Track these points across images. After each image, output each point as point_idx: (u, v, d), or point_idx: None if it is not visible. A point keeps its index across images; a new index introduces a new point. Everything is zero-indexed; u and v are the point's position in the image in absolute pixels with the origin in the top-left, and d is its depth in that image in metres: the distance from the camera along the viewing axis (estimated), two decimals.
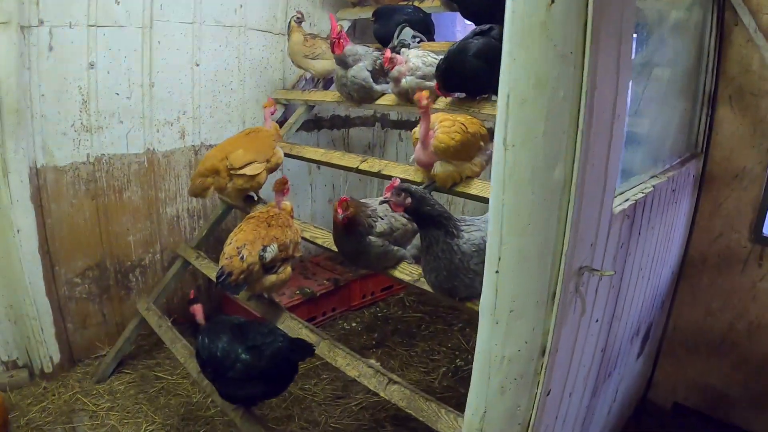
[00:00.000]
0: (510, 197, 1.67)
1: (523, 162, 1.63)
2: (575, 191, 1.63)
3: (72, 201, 4.01)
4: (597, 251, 1.98)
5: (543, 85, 1.56)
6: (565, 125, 1.59)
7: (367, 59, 3.81)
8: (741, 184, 3.91)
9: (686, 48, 3.59)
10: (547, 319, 1.77)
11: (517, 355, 1.80)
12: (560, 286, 1.73)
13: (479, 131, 3.06)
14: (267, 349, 2.87)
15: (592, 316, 2.19)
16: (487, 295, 1.80)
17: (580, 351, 2.18)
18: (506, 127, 1.64)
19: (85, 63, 3.87)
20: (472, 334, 4.66)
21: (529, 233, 1.68)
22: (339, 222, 2.82)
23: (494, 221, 1.73)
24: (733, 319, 4.06)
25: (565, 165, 1.62)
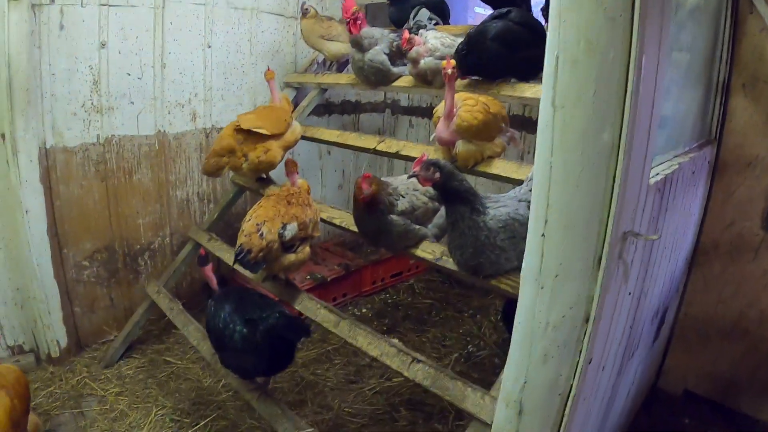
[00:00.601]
0: (559, 159, 1.67)
1: (573, 123, 1.64)
2: (623, 154, 1.64)
3: (81, 182, 3.98)
4: (636, 219, 1.99)
5: (593, 47, 1.57)
6: (615, 87, 1.60)
7: (384, 42, 3.82)
8: (753, 173, 3.93)
9: (702, 35, 3.60)
10: (592, 285, 1.77)
11: (561, 322, 1.81)
12: (606, 251, 1.73)
13: (501, 112, 3.08)
14: (262, 323, 2.87)
15: (626, 288, 2.20)
16: (532, 259, 1.80)
17: (615, 322, 2.19)
18: (554, 89, 1.64)
19: (96, 42, 3.84)
20: (483, 320, 4.71)
21: (578, 196, 1.69)
22: (362, 199, 2.80)
23: (540, 184, 1.73)
24: (744, 307, 4.08)
25: (613, 127, 1.62)
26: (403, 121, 6.13)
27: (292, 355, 3.11)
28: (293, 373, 4.00)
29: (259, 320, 2.89)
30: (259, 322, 2.88)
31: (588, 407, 2.22)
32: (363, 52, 3.80)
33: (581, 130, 1.64)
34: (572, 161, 1.66)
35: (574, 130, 1.64)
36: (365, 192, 2.78)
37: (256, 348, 2.89)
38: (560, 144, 1.67)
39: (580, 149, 1.65)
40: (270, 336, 2.86)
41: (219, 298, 3.09)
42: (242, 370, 3.09)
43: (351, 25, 3.69)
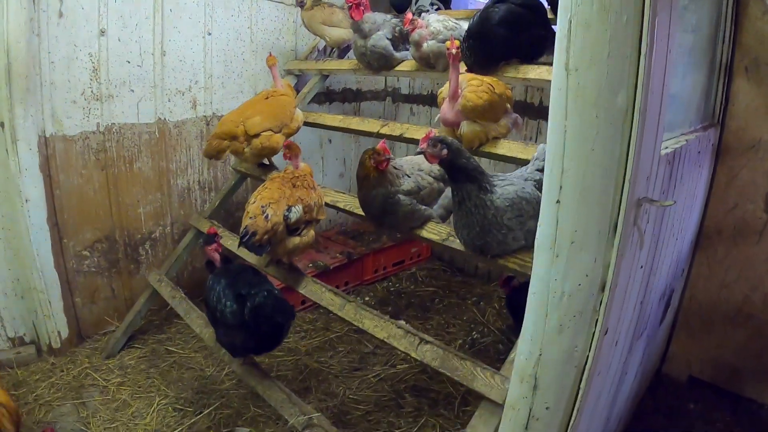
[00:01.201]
0: (573, 122, 1.66)
1: (587, 85, 1.62)
2: (639, 117, 1.62)
3: (81, 171, 3.96)
4: (650, 187, 1.97)
5: (607, 8, 1.55)
6: (629, 50, 1.58)
7: (386, 27, 3.82)
8: (756, 155, 3.92)
9: (705, 19, 3.60)
10: (608, 252, 1.75)
11: (577, 290, 1.78)
12: (622, 217, 1.71)
13: (506, 93, 3.08)
14: (250, 300, 2.90)
15: (640, 257, 2.17)
16: (547, 227, 1.78)
17: (629, 294, 2.17)
18: (568, 51, 1.63)
19: (95, 30, 3.81)
20: (486, 307, 4.71)
21: (593, 160, 1.67)
22: (375, 166, 2.78)
23: (554, 149, 1.71)
24: (748, 291, 4.07)
25: (628, 90, 1.61)
26: (404, 108, 6.12)
27: (280, 336, 3.13)
28: (297, 361, 3.99)
29: (247, 296, 2.92)
30: (248, 299, 2.91)
31: (601, 383, 2.20)
32: (365, 37, 3.79)
33: (595, 93, 1.62)
34: (587, 124, 1.64)
35: (588, 92, 1.62)
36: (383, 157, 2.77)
37: (243, 324, 2.92)
38: (574, 107, 1.65)
39: (595, 112, 1.63)
40: (256, 314, 2.89)
41: (217, 274, 3.13)
42: (232, 347, 3.10)
43: (353, 10, 3.67)
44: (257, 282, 3.05)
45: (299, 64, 4.83)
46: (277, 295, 3.01)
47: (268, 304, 2.90)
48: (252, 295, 2.91)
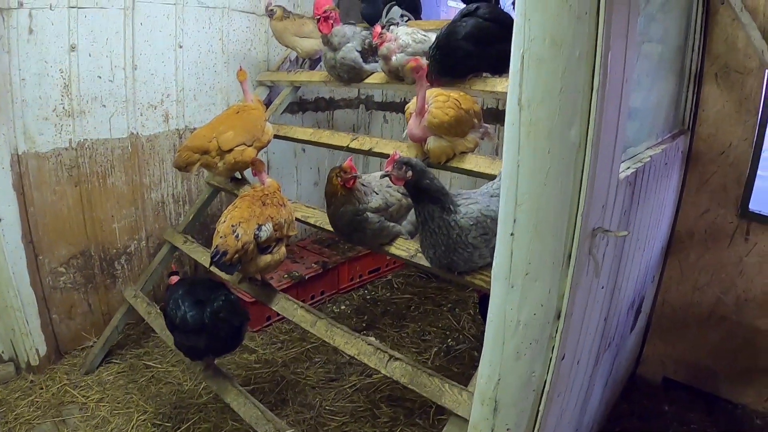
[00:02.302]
0: (526, 156, 1.67)
1: (540, 121, 1.63)
2: (591, 151, 1.64)
3: (55, 188, 3.93)
4: (606, 215, 1.99)
5: (559, 44, 1.57)
6: (581, 84, 1.60)
7: (356, 39, 3.82)
8: (727, 160, 3.97)
9: (674, 25, 3.62)
10: (563, 282, 1.78)
11: (532, 319, 1.81)
12: (576, 248, 1.73)
13: (473, 108, 3.07)
14: (209, 305, 3.01)
15: (599, 281, 2.20)
16: (502, 258, 1.80)
17: (588, 316, 2.20)
18: (521, 87, 1.64)
19: (66, 46, 3.79)
20: (461, 313, 4.74)
21: (546, 194, 1.69)
22: (342, 184, 2.82)
23: (509, 183, 1.73)
24: (720, 294, 4.13)
25: (580, 124, 1.63)
26: (378, 116, 6.16)
27: (239, 337, 3.25)
28: (274, 373, 4.01)
29: (206, 302, 3.02)
30: (206, 304, 3.01)
31: (564, 401, 2.23)
32: (335, 50, 3.79)
33: (548, 129, 1.63)
34: (540, 159, 1.66)
35: (540, 128, 1.64)
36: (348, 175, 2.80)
37: (203, 328, 3.00)
38: (527, 142, 1.66)
39: (547, 147, 1.65)
40: (215, 317, 2.99)
41: (174, 285, 3.25)
42: (191, 350, 3.18)
43: (321, 23, 3.66)
44: (214, 288, 3.15)
45: (271, 76, 4.82)
46: (233, 300, 3.12)
47: (226, 308, 3.01)
48: (210, 300, 3.02)
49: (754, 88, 3.81)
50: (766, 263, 3.91)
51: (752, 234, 3.95)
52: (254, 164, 3.38)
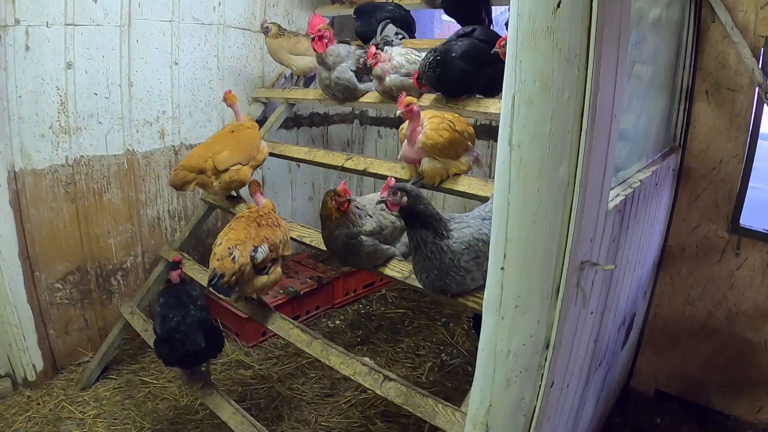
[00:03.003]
0: (516, 195, 1.74)
1: (529, 161, 1.69)
2: (579, 189, 1.70)
3: (51, 204, 3.98)
4: (594, 248, 2.06)
5: (549, 86, 1.62)
6: (570, 125, 1.65)
7: (350, 59, 3.87)
8: (718, 176, 4.05)
9: (665, 44, 3.69)
10: (551, 314, 1.84)
11: (522, 349, 1.87)
12: (564, 281, 1.80)
13: (467, 130, 3.13)
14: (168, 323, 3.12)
15: (587, 311, 2.27)
16: (492, 291, 1.86)
17: (578, 342, 2.27)
18: (511, 127, 1.70)
19: (62, 63, 3.84)
20: (455, 328, 4.81)
21: (535, 230, 1.75)
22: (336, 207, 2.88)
23: (499, 219, 1.79)
24: (711, 308, 4.21)
25: (569, 163, 1.68)
26: (372, 131, 6.23)
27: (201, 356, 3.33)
28: (269, 389, 4.06)
29: (172, 316, 3.13)
30: (169, 319, 3.12)
31: (554, 423, 2.29)
32: (329, 70, 3.84)
33: (537, 168, 1.69)
34: (529, 198, 1.72)
35: (530, 168, 1.70)
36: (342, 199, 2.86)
37: (165, 340, 3.15)
38: (517, 181, 1.72)
39: (537, 186, 1.71)
40: (170, 337, 3.11)
41: (162, 293, 3.36)
42: (162, 358, 3.29)
43: (315, 42, 3.72)
44: (184, 304, 3.19)
45: (266, 92, 4.88)
46: (196, 320, 3.16)
47: (180, 330, 3.09)
48: (170, 318, 3.11)
49: (744, 104, 3.89)
50: (757, 277, 3.99)
51: (743, 248, 4.03)
52: (250, 185, 3.44)
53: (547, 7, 1.58)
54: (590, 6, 1.56)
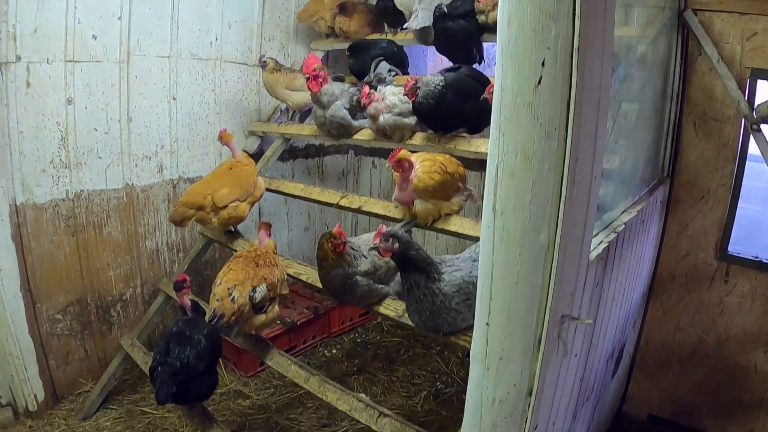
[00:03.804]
0: (499, 258, 1.91)
1: (512, 227, 1.86)
2: (558, 251, 1.87)
3: (52, 238, 4.12)
4: (575, 301, 2.24)
5: (530, 158, 1.77)
6: (550, 194, 1.80)
7: (344, 97, 4.03)
8: (706, 206, 4.22)
9: (652, 78, 3.86)
10: (534, 364, 2.00)
11: (506, 397, 2.04)
12: (545, 334, 1.96)
13: (458, 171, 3.31)
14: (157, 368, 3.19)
15: (568, 358, 2.44)
16: (478, 344, 2.03)
17: (561, 385, 2.44)
18: (495, 195, 1.86)
19: (62, 99, 3.99)
20: (450, 356, 4.94)
21: (517, 290, 1.92)
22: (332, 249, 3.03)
23: (484, 278, 1.96)
24: (702, 333, 4.37)
25: (549, 229, 1.84)
26: (367, 162, 6.41)
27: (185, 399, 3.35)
28: (268, 419, 4.19)
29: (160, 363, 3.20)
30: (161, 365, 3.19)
31: None
32: (324, 108, 4.00)
33: (519, 234, 1.86)
34: (511, 261, 1.89)
35: (512, 233, 1.86)
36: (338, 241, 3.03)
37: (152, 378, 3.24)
38: (500, 246, 1.89)
39: (518, 250, 1.88)
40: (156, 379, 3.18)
41: (168, 332, 3.38)
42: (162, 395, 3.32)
43: (310, 81, 3.89)
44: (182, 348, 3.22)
45: (262, 126, 5.06)
46: (184, 367, 3.18)
47: (165, 380, 3.14)
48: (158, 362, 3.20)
49: (731, 135, 4.07)
50: (746, 303, 4.16)
51: (732, 275, 4.20)
52: (260, 226, 3.62)
53: (528, 83, 1.72)
54: (570, 82, 1.71)
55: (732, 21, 3.99)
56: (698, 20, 4.05)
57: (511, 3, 1.72)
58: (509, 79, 1.77)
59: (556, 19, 1.68)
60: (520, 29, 1.71)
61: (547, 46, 1.69)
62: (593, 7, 1.75)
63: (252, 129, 5.11)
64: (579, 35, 1.68)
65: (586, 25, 1.69)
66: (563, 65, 1.70)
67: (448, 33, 3.97)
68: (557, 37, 1.69)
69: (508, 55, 1.75)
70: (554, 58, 1.70)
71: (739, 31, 3.95)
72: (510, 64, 1.75)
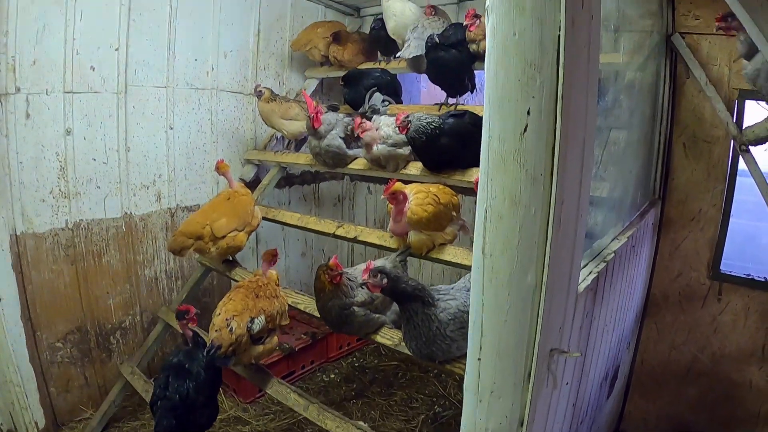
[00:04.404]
0: (489, 298, 2.02)
1: (500, 269, 1.97)
2: (545, 290, 1.98)
3: (52, 267, 4.21)
4: (564, 335, 2.36)
5: (517, 203, 1.88)
6: (536, 237, 1.91)
7: (339, 126, 4.15)
8: (698, 226, 4.34)
9: (641, 102, 3.98)
10: (524, 396, 2.11)
11: (499, 428, 2.15)
12: (534, 368, 2.07)
13: (451, 201, 3.43)
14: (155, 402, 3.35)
15: (562, 382, 2.56)
16: (471, 378, 2.14)
17: (553, 414, 2.55)
18: (484, 238, 1.97)
19: (61, 129, 4.09)
20: (448, 380, 5.02)
21: (506, 327, 2.03)
22: (329, 280, 3.16)
23: (475, 316, 2.08)
24: (697, 352, 4.48)
25: (536, 270, 1.95)
26: (362, 187, 6.55)
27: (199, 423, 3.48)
28: None
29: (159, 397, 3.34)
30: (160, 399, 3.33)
31: None
32: (320, 138, 4.13)
33: (507, 275, 1.97)
34: (500, 300, 2.00)
35: (500, 275, 1.97)
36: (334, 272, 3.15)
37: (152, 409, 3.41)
38: (489, 286, 2.01)
39: (507, 291, 1.99)
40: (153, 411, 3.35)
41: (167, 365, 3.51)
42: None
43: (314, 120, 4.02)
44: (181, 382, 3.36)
45: (258, 155, 5.18)
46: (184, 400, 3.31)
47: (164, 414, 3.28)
48: (158, 396, 3.34)
49: (721, 156, 4.19)
50: (739, 320, 4.27)
51: (724, 294, 4.31)
52: (264, 255, 3.72)
53: (515, 131, 1.83)
54: (554, 129, 1.82)
55: (719, 43, 4.12)
56: (686, 43, 4.18)
57: (497, 53, 1.84)
58: (496, 127, 1.88)
59: (540, 69, 1.78)
60: (506, 79, 1.82)
61: (532, 95, 1.79)
62: (576, 55, 1.86)
63: (248, 157, 5.23)
64: (563, 84, 1.78)
65: (569, 73, 1.79)
66: (548, 113, 1.81)
67: (441, 62, 4.10)
68: (542, 86, 1.79)
69: (495, 104, 1.87)
70: (539, 107, 1.80)
71: (727, 53, 4.08)
72: (497, 112, 1.86)
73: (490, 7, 1.82)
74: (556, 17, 1.76)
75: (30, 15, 3.81)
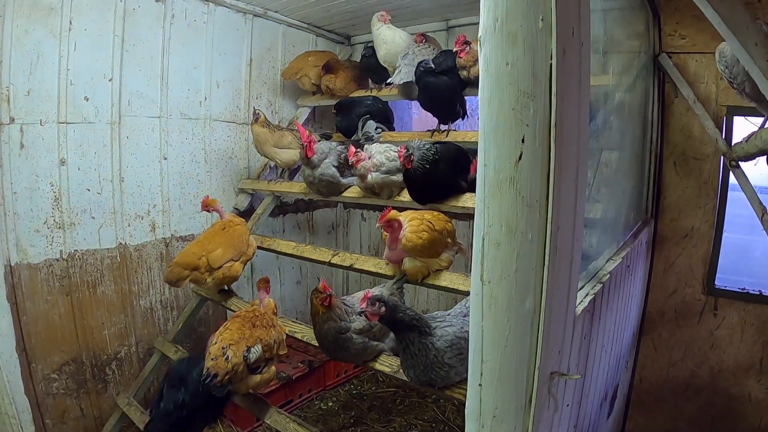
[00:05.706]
0: (489, 323, 2.04)
1: (498, 295, 1.99)
2: (544, 315, 2.01)
3: (47, 297, 4.21)
4: (563, 357, 2.39)
5: (513, 230, 1.90)
6: (534, 262, 1.95)
7: (332, 155, 4.21)
8: (691, 242, 4.40)
9: (632, 122, 4.03)
10: (526, 420, 2.13)
11: None
12: (535, 392, 2.10)
13: (446, 228, 3.46)
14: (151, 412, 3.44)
15: (563, 404, 2.59)
16: (472, 404, 2.16)
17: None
18: (482, 265, 1.99)
19: (56, 160, 4.12)
20: (446, 405, 5.02)
21: (506, 353, 2.05)
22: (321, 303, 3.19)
23: (475, 343, 2.10)
24: (694, 367, 4.52)
25: (534, 295, 1.98)
26: (356, 214, 6.61)
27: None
28: None
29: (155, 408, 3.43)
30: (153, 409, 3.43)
31: None
32: (313, 168, 4.18)
33: (506, 301, 1.99)
34: (500, 326, 2.03)
35: (499, 301, 2.00)
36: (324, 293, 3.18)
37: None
38: (489, 312, 2.03)
39: (506, 317, 2.01)
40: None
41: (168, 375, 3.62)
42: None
43: (308, 149, 4.08)
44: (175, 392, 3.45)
45: (252, 184, 5.23)
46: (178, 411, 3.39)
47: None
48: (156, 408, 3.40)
49: (711, 172, 4.26)
50: (736, 334, 4.32)
51: (720, 309, 4.36)
52: (259, 283, 3.76)
53: (509, 159, 1.86)
54: (548, 157, 1.86)
55: (706, 62, 4.20)
56: (673, 63, 4.26)
57: (491, 83, 1.86)
58: (492, 156, 1.90)
59: (534, 98, 1.82)
60: (500, 108, 1.85)
61: (527, 123, 1.83)
62: (568, 83, 1.90)
63: (242, 186, 5.28)
64: (556, 111, 1.82)
65: (562, 100, 1.84)
66: (542, 140, 1.84)
67: (431, 89, 4.18)
68: (535, 114, 1.83)
69: (490, 133, 1.89)
70: (533, 135, 1.83)
71: (713, 70, 4.13)
72: (492, 141, 1.89)
73: (483, 38, 1.84)
74: (547, 47, 1.80)
75: (24, 45, 3.86)
